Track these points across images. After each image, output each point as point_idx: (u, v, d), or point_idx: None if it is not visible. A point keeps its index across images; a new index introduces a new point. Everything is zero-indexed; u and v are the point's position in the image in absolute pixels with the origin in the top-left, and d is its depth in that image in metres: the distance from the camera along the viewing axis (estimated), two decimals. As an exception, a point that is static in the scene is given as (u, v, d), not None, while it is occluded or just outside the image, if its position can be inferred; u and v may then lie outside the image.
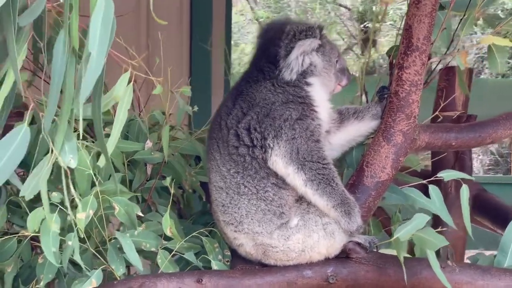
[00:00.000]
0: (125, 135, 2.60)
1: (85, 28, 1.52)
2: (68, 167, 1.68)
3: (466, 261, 2.56)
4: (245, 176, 2.12)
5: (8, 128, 2.32)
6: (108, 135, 2.49)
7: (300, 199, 2.15)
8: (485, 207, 3.08)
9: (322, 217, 2.13)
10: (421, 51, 2.23)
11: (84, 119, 2.51)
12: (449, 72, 3.10)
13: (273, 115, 2.11)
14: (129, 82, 1.74)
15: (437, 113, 2.77)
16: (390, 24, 10.72)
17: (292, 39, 2.16)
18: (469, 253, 3.08)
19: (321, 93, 2.22)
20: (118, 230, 2.37)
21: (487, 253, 2.47)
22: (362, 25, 11.28)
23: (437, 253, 2.89)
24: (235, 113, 2.16)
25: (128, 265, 2.31)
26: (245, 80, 2.23)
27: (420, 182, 2.41)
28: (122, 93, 1.65)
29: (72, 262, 2.23)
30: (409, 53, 2.23)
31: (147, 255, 2.35)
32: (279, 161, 2.09)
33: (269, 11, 11.55)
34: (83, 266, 2.07)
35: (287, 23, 2.20)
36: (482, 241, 3.14)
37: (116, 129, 1.65)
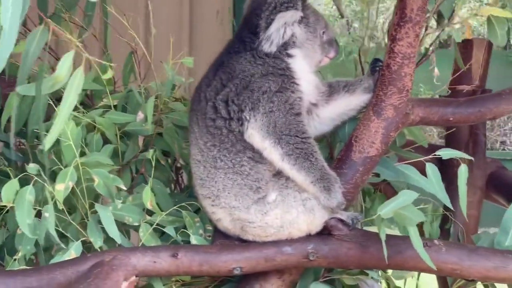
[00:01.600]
0: (123, 107, 2.59)
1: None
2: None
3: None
4: (221, 150, 2.08)
5: (4, 97, 2.34)
6: (105, 106, 2.52)
7: (279, 173, 2.10)
8: (500, 185, 2.97)
9: (302, 193, 2.07)
10: (415, 22, 2.14)
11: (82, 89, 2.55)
12: (466, 44, 2.99)
13: (251, 87, 2.06)
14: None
15: (445, 87, 2.67)
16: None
17: (273, 10, 2.10)
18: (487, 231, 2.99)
19: (303, 65, 2.16)
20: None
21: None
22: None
23: (447, 231, 2.84)
24: (214, 85, 2.11)
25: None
26: (227, 51, 2.18)
27: (421, 158, 2.32)
28: (65, 73, 1.61)
29: (61, 234, 2.24)
30: (402, 25, 2.15)
31: (137, 228, 2.32)
32: (255, 134, 2.05)
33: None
34: (56, 238, 2.06)
35: None
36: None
37: (62, 115, 1.62)
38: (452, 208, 2.33)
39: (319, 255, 2.10)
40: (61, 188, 2.09)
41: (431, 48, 2.40)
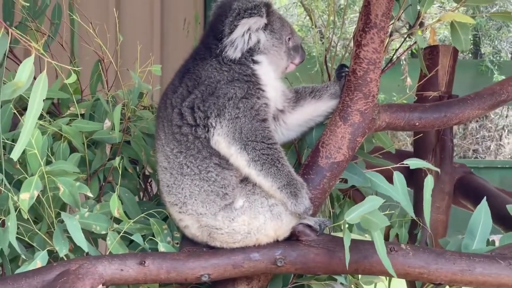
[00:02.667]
0: (90, 115, 2.58)
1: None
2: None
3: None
4: (187, 156, 2.08)
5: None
6: (72, 115, 2.50)
7: (246, 179, 2.09)
8: (468, 190, 2.99)
9: (269, 199, 2.07)
10: (379, 28, 2.15)
11: (48, 98, 2.53)
12: (433, 51, 3.02)
13: (217, 94, 2.06)
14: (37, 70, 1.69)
15: (411, 93, 2.69)
16: (439, 6, 10.54)
17: (236, 17, 2.10)
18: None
19: (269, 72, 2.16)
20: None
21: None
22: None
23: (415, 236, 2.85)
24: (180, 92, 2.11)
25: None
26: (193, 57, 2.18)
27: (389, 167, 2.32)
28: (25, 79, 1.59)
29: (28, 244, 2.22)
30: (367, 30, 2.16)
31: (104, 236, 2.31)
32: (221, 141, 2.04)
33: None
34: (17, 248, 2.03)
35: (236, 0, 2.14)
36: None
37: (29, 123, 1.60)
38: (414, 217, 2.33)
39: (287, 261, 2.10)
40: (25, 197, 2.07)
41: (395, 56, 2.41)
